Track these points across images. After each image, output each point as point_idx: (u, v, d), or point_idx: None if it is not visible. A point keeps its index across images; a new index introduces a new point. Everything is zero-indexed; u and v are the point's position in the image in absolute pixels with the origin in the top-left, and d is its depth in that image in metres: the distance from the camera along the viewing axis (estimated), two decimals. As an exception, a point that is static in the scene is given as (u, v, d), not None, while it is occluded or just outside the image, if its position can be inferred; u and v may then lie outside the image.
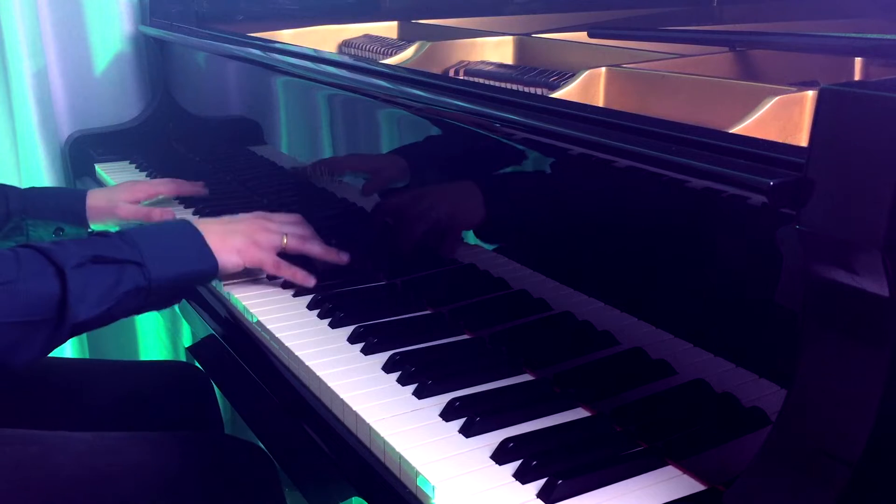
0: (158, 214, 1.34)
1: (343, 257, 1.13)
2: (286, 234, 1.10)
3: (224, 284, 1.12)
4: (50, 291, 0.90)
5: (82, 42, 1.84)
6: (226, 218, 1.13)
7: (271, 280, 1.12)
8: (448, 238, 1.04)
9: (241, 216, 1.12)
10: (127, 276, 0.94)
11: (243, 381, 1.02)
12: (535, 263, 0.93)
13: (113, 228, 1.34)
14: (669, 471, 0.72)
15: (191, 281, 1.04)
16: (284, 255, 1.11)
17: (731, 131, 0.79)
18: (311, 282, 1.09)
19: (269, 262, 1.08)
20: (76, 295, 0.90)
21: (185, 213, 1.44)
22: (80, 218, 1.35)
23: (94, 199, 1.37)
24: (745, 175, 0.64)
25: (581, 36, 1.32)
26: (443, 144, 1.03)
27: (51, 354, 1.44)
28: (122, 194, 1.38)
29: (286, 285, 1.11)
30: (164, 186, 1.45)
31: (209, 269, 1.03)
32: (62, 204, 1.34)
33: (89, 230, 1.34)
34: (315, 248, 1.12)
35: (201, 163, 1.71)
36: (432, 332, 0.97)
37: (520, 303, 0.94)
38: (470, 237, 1.01)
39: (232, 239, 1.05)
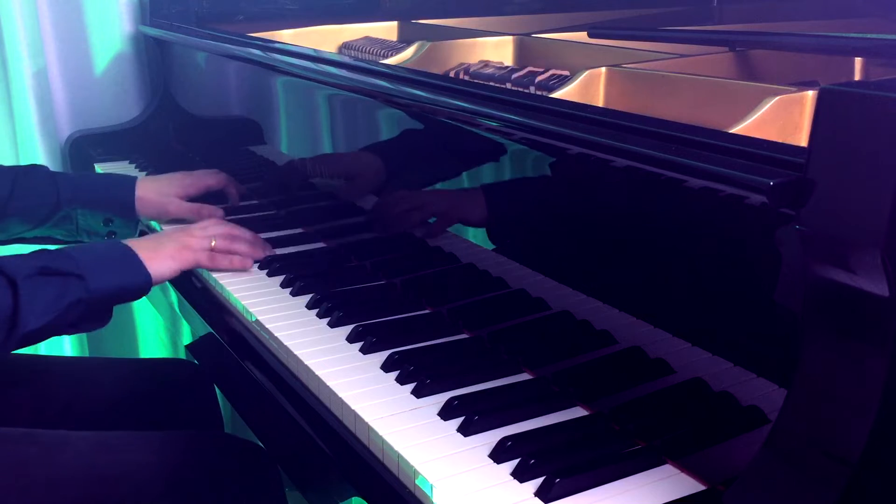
0: (208, 212, 1.34)
1: (267, 251, 1.21)
2: (213, 237, 1.16)
3: (224, 283, 1.12)
4: (3, 301, 0.94)
5: (82, 42, 1.83)
6: (153, 235, 1.22)
7: (270, 276, 1.14)
8: (445, 234, 1.04)
9: (167, 230, 1.21)
10: (70, 287, 0.99)
11: (242, 379, 1.02)
12: (534, 263, 0.93)
13: (156, 226, 1.37)
14: (667, 469, 0.72)
15: (125, 293, 1.07)
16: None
17: (731, 131, 0.79)
18: (249, 264, 1.17)
19: (203, 258, 1.15)
20: (26, 305, 0.94)
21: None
22: (129, 208, 1.36)
23: (144, 189, 1.37)
24: (745, 175, 0.64)
25: (581, 36, 1.32)
26: (443, 144, 1.03)
27: (50, 353, 1.44)
28: (174, 189, 1.38)
29: (285, 284, 1.11)
30: (211, 178, 1.43)
31: (142, 281, 1.08)
32: (111, 195, 1.36)
33: (138, 221, 1.37)
34: (242, 247, 1.19)
35: (201, 163, 1.71)
36: (431, 332, 0.97)
37: (518, 302, 0.94)
38: (469, 236, 1.01)
39: (162, 248, 1.11)
